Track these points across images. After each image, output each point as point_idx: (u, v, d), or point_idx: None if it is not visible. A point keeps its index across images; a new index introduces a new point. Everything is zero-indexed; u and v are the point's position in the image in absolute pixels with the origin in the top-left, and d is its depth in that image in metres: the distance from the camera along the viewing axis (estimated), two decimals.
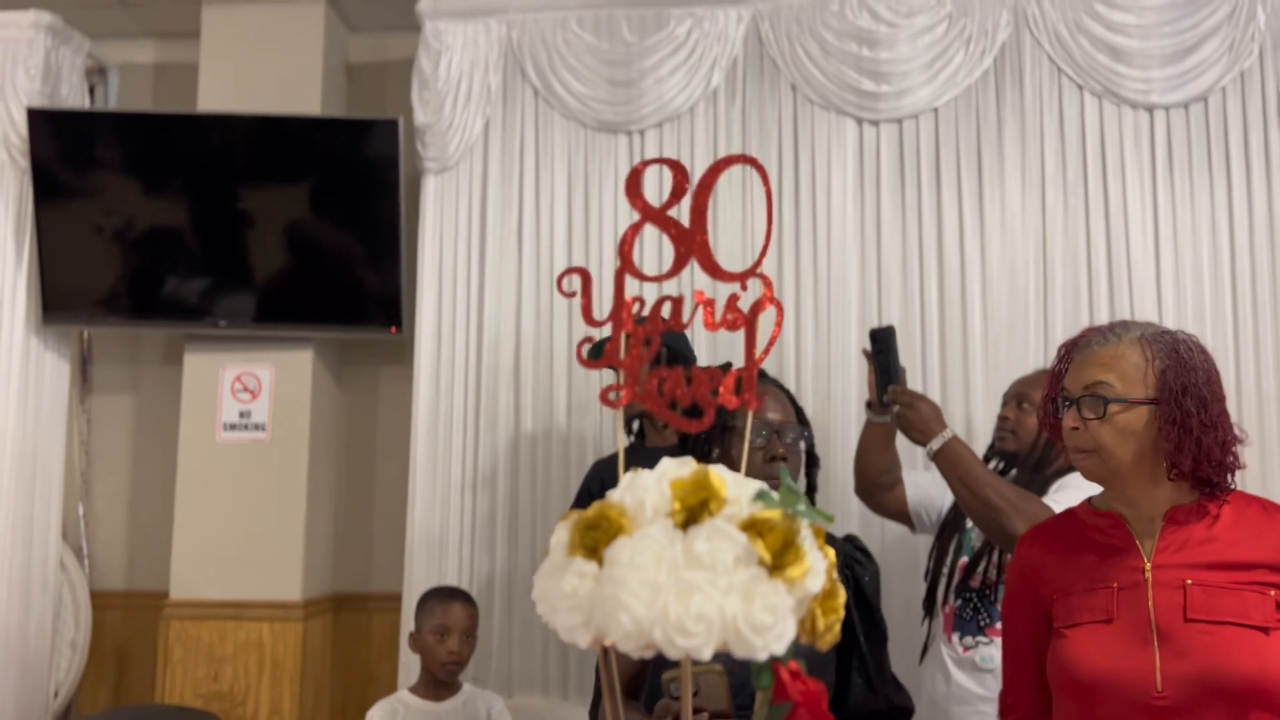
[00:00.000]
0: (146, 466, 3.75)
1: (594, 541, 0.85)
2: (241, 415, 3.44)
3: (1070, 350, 1.68)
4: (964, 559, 2.49)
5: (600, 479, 2.77)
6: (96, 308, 3.50)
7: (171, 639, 3.32)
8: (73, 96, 3.65)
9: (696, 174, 3.25)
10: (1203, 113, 3.14)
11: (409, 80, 3.40)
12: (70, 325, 3.60)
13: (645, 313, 1.01)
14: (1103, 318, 3.07)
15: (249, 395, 3.44)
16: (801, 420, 1.96)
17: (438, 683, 2.66)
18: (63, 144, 3.44)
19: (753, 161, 0.99)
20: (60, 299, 3.47)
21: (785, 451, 1.87)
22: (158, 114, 3.60)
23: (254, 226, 3.45)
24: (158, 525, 3.59)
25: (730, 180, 3.23)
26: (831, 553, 0.89)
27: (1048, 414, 1.69)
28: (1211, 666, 1.47)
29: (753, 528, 0.84)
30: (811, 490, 1.96)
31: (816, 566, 0.85)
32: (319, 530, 3.49)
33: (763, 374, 2.06)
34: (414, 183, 3.43)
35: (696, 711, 1.48)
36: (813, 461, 1.95)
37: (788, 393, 2.00)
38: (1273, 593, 1.51)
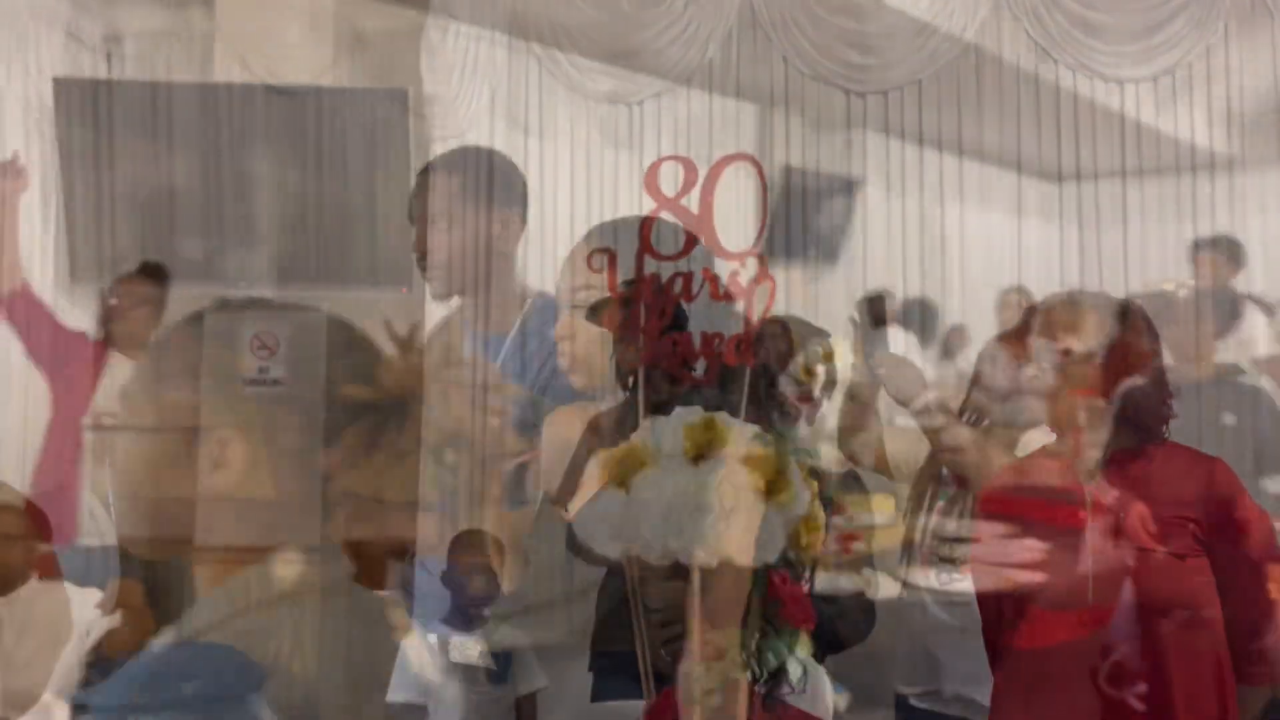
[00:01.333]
0: (169, 420, 3.92)
1: (623, 473, 1.05)
2: (260, 371, 3.60)
3: (1033, 313, 1.91)
4: (940, 503, 2.69)
5: (596, 429, 2.97)
6: (118, 270, 3.67)
7: (197, 582, 3.52)
8: (91, 66, 3.78)
9: (693, 143, 3.42)
10: (1170, 86, 3.31)
11: (418, 51, 3.55)
12: (94, 287, 3.76)
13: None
14: (1073, 279, 3.27)
15: (267, 352, 3.61)
16: None
17: (468, 615, 2.92)
18: (86, 113, 3.58)
19: (751, 159, 1.17)
20: (84, 262, 3.64)
21: None
22: (175, 83, 3.75)
23: (268, 192, 3.61)
24: (180, 475, 3.77)
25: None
26: (814, 484, 1.09)
27: (1012, 370, 1.91)
28: (1137, 583, 1.72)
29: (749, 462, 1.04)
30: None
31: (801, 495, 1.06)
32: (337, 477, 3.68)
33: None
34: (422, 150, 3.59)
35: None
36: None
37: None
38: (1190, 525, 1.77)
